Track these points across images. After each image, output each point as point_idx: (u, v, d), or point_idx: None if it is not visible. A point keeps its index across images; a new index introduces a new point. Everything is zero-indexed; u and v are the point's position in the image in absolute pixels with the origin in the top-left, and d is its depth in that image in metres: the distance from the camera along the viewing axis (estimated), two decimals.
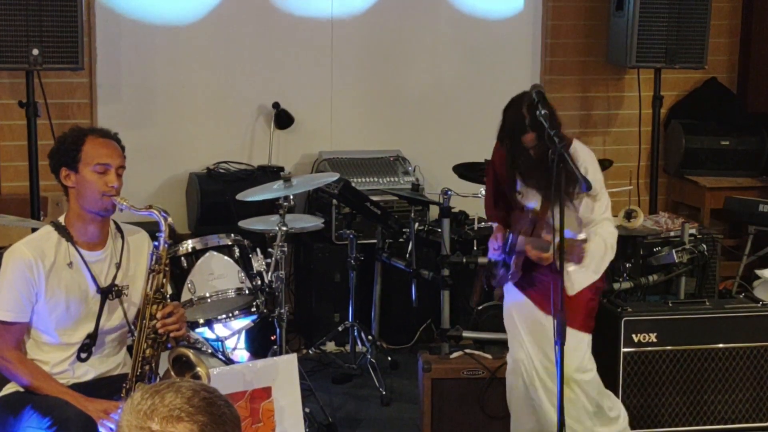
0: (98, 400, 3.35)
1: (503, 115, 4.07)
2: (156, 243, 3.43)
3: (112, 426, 3.25)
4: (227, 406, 1.76)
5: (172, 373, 3.12)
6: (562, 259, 3.63)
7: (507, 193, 4.14)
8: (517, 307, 4.10)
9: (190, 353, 3.15)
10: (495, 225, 4.28)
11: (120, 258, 3.52)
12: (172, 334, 3.41)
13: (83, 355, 3.47)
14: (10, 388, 3.48)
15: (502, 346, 4.47)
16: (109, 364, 3.55)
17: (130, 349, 3.63)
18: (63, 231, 3.44)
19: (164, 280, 3.41)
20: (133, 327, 3.52)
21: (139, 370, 3.38)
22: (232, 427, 1.74)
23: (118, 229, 3.58)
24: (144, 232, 3.65)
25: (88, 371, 3.50)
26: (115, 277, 3.50)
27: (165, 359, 3.36)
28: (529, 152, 3.98)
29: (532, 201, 4.02)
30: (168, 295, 3.47)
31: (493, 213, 4.27)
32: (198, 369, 3.10)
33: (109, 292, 3.47)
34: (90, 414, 3.29)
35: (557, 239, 3.61)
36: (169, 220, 3.43)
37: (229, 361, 4.24)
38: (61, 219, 3.49)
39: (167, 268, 3.43)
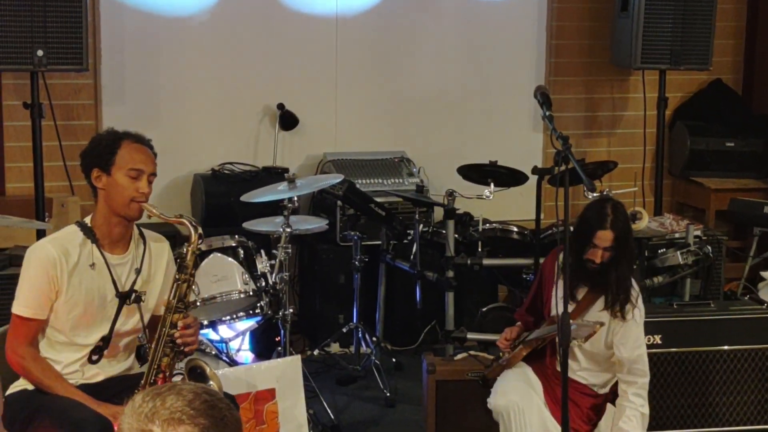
0: (107, 405, 3.34)
1: (582, 212, 3.98)
2: (182, 252, 3.42)
3: None
4: (228, 408, 1.75)
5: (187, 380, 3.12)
6: (566, 256, 3.64)
7: (546, 298, 4.08)
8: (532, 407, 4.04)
9: (207, 367, 3.15)
10: (518, 323, 4.23)
11: (141, 264, 3.52)
12: (186, 348, 3.40)
13: (94, 358, 3.46)
14: (18, 386, 3.47)
15: None
16: (119, 368, 3.54)
17: (137, 350, 3.63)
18: (88, 232, 3.43)
19: (188, 290, 3.40)
20: (142, 335, 3.51)
21: (153, 378, 3.37)
22: (233, 430, 1.74)
23: (141, 234, 3.58)
24: (166, 241, 3.64)
25: (97, 374, 3.49)
26: (134, 283, 3.49)
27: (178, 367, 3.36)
28: (587, 257, 3.88)
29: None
30: (190, 304, 3.45)
31: (522, 316, 4.23)
32: (211, 383, 3.10)
33: (128, 297, 3.46)
34: None
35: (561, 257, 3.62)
36: (200, 230, 3.41)
37: (233, 363, 4.25)
38: (87, 220, 3.49)
39: (193, 278, 3.42)
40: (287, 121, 6.04)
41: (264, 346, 5.26)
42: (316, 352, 5.54)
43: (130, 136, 3.50)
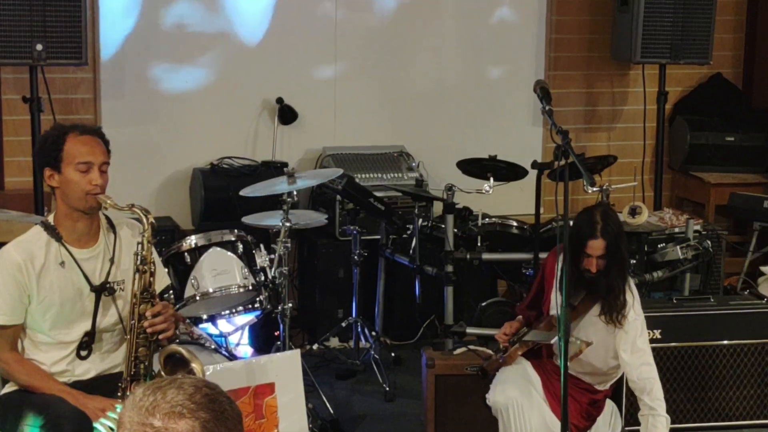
0: (97, 398, 3.35)
1: (574, 221, 3.96)
2: (139, 243, 3.39)
3: (110, 423, 3.24)
4: (229, 402, 1.75)
5: (163, 373, 3.09)
6: (566, 249, 3.64)
7: (546, 295, 4.08)
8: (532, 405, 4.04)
9: (183, 350, 3.12)
10: (518, 317, 4.24)
11: (113, 253, 3.49)
12: (161, 336, 3.38)
13: (83, 353, 3.45)
14: (11, 386, 3.48)
15: None
16: (111, 360, 3.53)
17: None
18: (52, 231, 3.41)
19: (151, 279, 3.38)
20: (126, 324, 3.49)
21: (133, 370, 3.36)
22: (234, 424, 1.74)
23: (110, 223, 3.54)
24: (135, 222, 3.55)
25: (89, 369, 3.48)
26: (108, 274, 3.46)
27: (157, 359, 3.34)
28: (583, 267, 3.89)
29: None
30: (156, 294, 3.42)
31: (524, 310, 4.23)
32: (192, 365, 3.08)
33: (103, 290, 3.44)
34: (87, 411, 3.29)
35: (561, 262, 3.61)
36: (151, 218, 3.38)
37: (232, 357, 4.24)
38: (50, 218, 3.46)
39: (153, 268, 3.39)
40: (286, 115, 6.03)
41: (263, 340, 5.26)
42: (315, 347, 5.54)
43: (76, 128, 3.43)
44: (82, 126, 3.47)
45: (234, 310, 4.56)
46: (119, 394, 3.38)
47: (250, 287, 4.47)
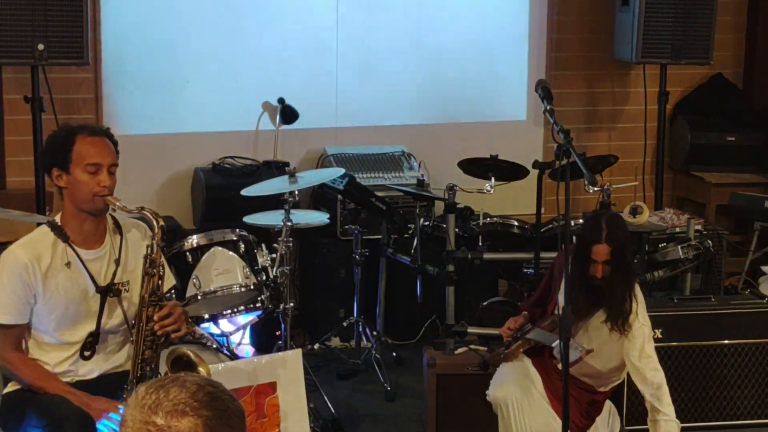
0: (101, 399, 3.35)
1: (582, 225, 3.98)
2: (149, 246, 3.39)
3: (113, 425, 3.25)
4: (232, 400, 1.76)
5: (170, 374, 3.10)
6: (567, 248, 3.64)
7: (553, 294, 4.08)
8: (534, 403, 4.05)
9: (191, 353, 3.12)
10: (523, 312, 4.24)
11: (119, 254, 3.49)
12: (173, 335, 3.39)
13: (87, 353, 3.46)
14: (13, 385, 3.48)
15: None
16: (114, 361, 3.53)
17: None
18: (59, 231, 3.41)
19: (159, 282, 3.38)
20: (132, 325, 3.48)
21: (140, 372, 3.37)
22: (236, 422, 1.74)
23: (116, 224, 3.54)
24: (141, 224, 3.58)
25: (92, 369, 3.48)
26: (114, 275, 3.47)
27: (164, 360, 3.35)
28: (589, 272, 3.91)
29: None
30: (164, 296, 3.42)
31: (528, 308, 4.24)
32: (200, 369, 3.08)
33: (109, 291, 3.44)
34: (90, 412, 3.29)
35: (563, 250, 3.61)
36: (161, 222, 3.39)
37: (234, 357, 4.25)
38: (57, 218, 3.46)
39: (162, 271, 3.40)
40: (288, 115, 6.03)
41: (264, 339, 5.26)
42: (316, 346, 5.55)
43: (85, 129, 3.43)
44: (91, 127, 3.47)
45: (235, 310, 4.57)
46: (124, 396, 3.38)
47: (252, 287, 4.48)
